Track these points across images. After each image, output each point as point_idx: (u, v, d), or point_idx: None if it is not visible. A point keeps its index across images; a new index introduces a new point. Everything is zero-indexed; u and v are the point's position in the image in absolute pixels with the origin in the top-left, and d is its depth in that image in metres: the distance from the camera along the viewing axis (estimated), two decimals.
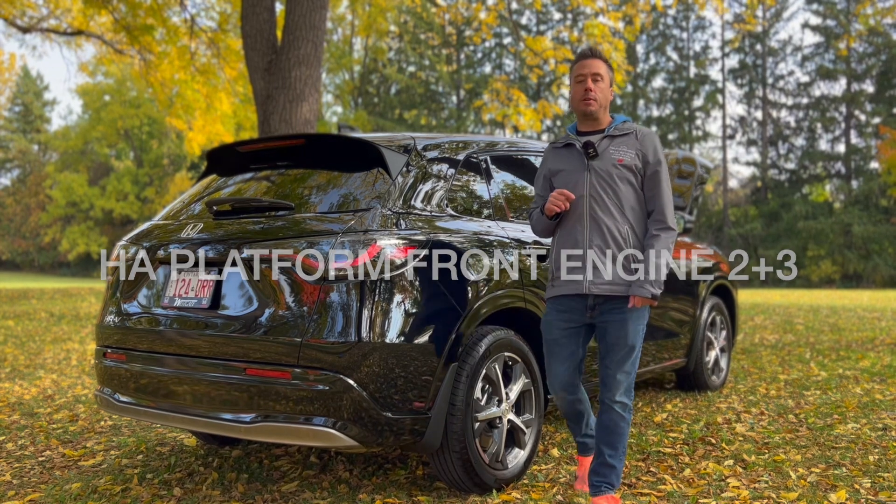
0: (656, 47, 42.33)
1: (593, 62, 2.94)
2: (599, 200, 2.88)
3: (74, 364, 7.33)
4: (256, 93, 7.76)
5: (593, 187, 2.89)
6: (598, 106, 2.94)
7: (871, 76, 38.32)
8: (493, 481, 3.16)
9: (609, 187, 2.88)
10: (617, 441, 2.90)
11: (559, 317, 2.97)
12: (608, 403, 2.91)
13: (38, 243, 51.74)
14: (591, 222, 2.88)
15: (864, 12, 16.63)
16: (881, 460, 3.58)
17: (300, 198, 3.25)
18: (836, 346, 7.88)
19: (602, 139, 2.94)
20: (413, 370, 2.90)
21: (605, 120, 3.00)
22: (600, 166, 2.90)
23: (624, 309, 2.87)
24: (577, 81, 2.96)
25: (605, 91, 2.95)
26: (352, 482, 3.41)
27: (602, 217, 2.87)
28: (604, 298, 2.89)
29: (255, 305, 2.97)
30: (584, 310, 2.92)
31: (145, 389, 3.24)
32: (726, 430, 4.24)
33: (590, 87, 2.92)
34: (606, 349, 2.92)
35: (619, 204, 2.88)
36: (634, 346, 2.89)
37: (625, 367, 2.89)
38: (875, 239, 34.22)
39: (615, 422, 2.90)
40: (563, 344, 2.97)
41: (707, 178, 6.01)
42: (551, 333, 3.00)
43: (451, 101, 42.57)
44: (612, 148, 2.92)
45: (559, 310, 2.97)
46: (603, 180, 2.88)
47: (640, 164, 2.91)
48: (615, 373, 2.89)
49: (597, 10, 12.28)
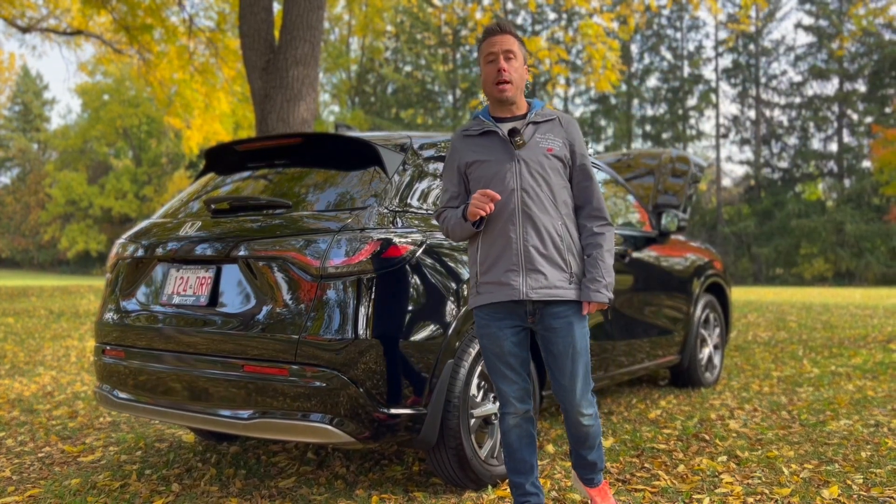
0: (650, 47, 42.44)
1: (503, 38, 2.60)
2: (532, 194, 2.56)
3: (74, 361, 7.34)
4: (254, 92, 7.78)
5: (524, 179, 2.56)
6: (514, 88, 2.60)
7: (864, 76, 38.49)
8: (488, 477, 3.19)
9: (542, 179, 2.57)
10: (593, 442, 2.72)
11: (500, 324, 2.60)
12: (573, 420, 2.67)
13: (38, 241, 51.75)
14: (524, 219, 2.55)
15: (857, 13, 16.72)
16: (873, 456, 3.61)
17: (297, 196, 3.27)
18: (828, 344, 7.93)
19: (526, 125, 2.61)
20: (409, 367, 2.92)
21: (522, 104, 2.67)
22: (529, 156, 2.58)
23: (568, 313, 2.58)
24: (488, 62, 2.61)
25: (520, 70, 2.62)
26: (349, 478, 3.43)
27: (536, 213, 2.55)
28: (543, 304, 2.58)
29: (252, 303, 2.99)
30: (524, 315, 2.60)
31: (144, 386, 3.26)
32: (720, 427, 4.27)
33: (503, 67, 2.57)
34: (555, 361, 2.61)
35: (552, 198, 2.58)
36: (584, 350, 2.62)
37: (579, 377, 2.61)
38: (867, 237, 34.39)
39: (585, 433, 2.69)
40: (515, 352, 2.63)
41: (701, 176, 6.05)
42: (499, 346, 2.61)
43: (448, 101, 42.59)
44: (538, 136, 2.61)
45: (496, 317, 2.61)
46: (535, 171, 2.57)
47: (567, 153, 2.64)
48: (572, 387, 2.61)
49: (591, 11, 12.31)
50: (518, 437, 2.69)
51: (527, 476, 2.71)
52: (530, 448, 2.70)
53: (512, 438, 2.69)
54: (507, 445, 2.72)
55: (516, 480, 2.72)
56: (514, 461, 2.71)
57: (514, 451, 2.70)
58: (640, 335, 4.64)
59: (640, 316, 4.63)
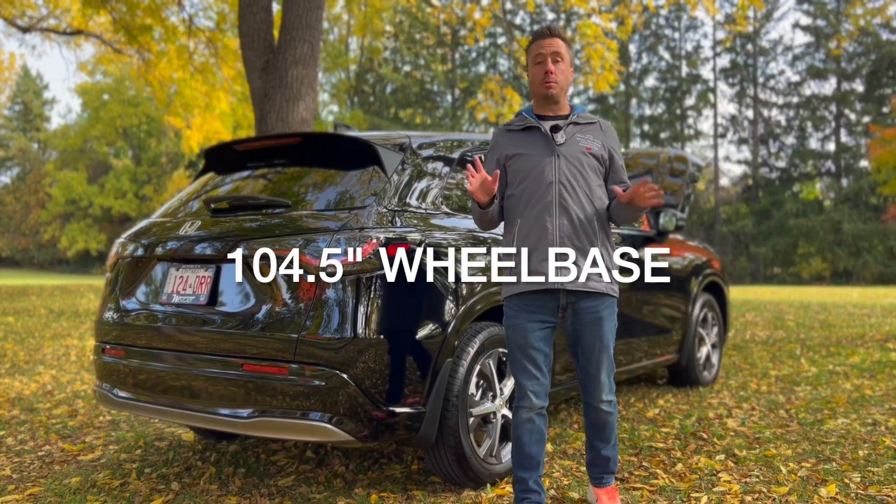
0: (648, 47, 42.46)
1: (552, 41, 2.75)
2: (569, 188, 2.68)
3: (74, 360, 7.35)
4: (253, 92, 7.78)
5: (563, 173, 2.69)
6: (560, 88, 2.77)
7: (861, 76, 38.53)
8: (487, 476, 3.20)
9: (580, 174, 2.71)
10: (609, 434, 2.87)
11: (529, 317, 2.70)
12: (595, 405, 2.82)
13: (38, 241, 51.77)
14: (560, 211, 2.67)
15: (855, 13, 16.74)
16: (871, 455, 3.62)
17: (297, 196, 3.28)
18: (826, 343, 7.94)
19: (568, 124, 2.78)
20: (408, 366, 2.93)
21: (565, 105, 2.83)
22: (569, 152, 2.72)
23: (598, 307, 2.72)
24: (536, 63, 2.77)
25: (566, 72, 2.79)
26: (348, 477, 3.44)
27: (572, 205, 2.67)
28: (576, 297, 2.70)
29: (252, 302, 2.99)
30: (556, 309, 2.71)
31: (144, 385, 3.27)
32: (718, 426, 4.29)
33: (550, 69, 2.73)
34: (584, 352, 2.77)
35: (588, 193, 2.71)
36: (612, 341, 2.78)
37: (606, 366, 2.78)
38: (865, 236, 34.43)
39: (604, 420, 2.84)
40: (539, 348, 2.71)
41: (699, 176, 6.06)
42: (525, 338, 2.70)
43: (446, 101, 42.60)
44: (578, 135, 2.76)
45: (527, 309, 2.71)
46: (573, 167, 2.71)
47: (605, 155, 2.79)
48: (598, 375, 2.78)
49: (589, 11, 12.33)
50: (529, 433, 2.75)
51: (531, 472, 2.76)
52: (539, 445, 2.76)
53: (523, 433, 2.75)
54: (516, 439, 2.78)
55: (520, 475, 2.77)
56: (521, 456, 2.77)
57: (523, 445, 2.75)
58: (639, 334, 4.65)
59: (639, 315, 4.64)
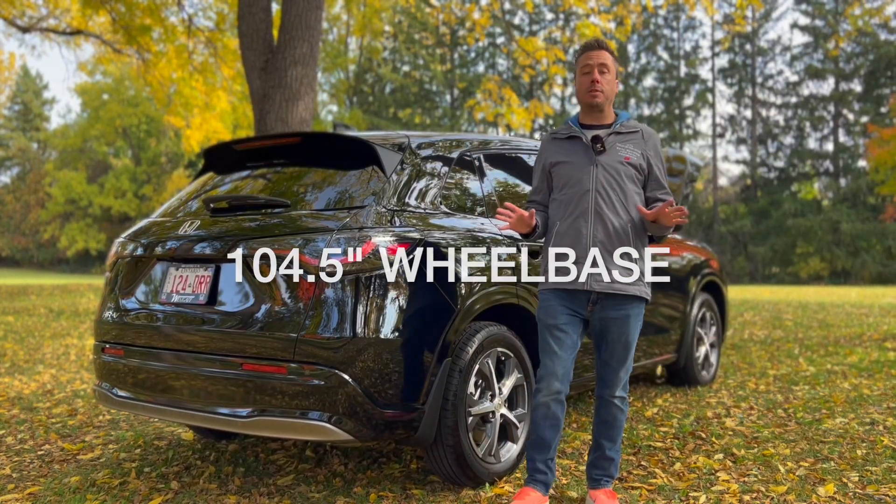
0: (647, 47, 42.50)
1: (600, 53, 2.89)
2: (605, 196, 2.84)
3: (73, 359, 7.35)
4: (253, 92, 7.79)
5: (599, 182, 2.84)
6: (604, 98, 2.90)
7: (859, 76, 38.59)
8: (486, 475, 3.20)
9: (616, 183, 2.84)
10: (616, 434, 2.96)
11: (561, 302, 2.87)
12: (608, 399, 2.94)
13: (38, 240, 51.82)
14: (595, 218, 2.83)
15: (853, 13, 16.76)
16: (869, 454, 3.63)
17: (296, 195, 3.29)
18: (824, 342, 7.96)
19: (609, 135, 2.90)
20: (407, 365, 2.94)
21: (609, 114, 2.96)
22: (607, 162, 2.86)
23: (626, 306, 2.85)
24: (583, 73, 2.90)
25: (612, 83, 2.92)
26: (347, 476, 3.44)
27: (607, 213, 2.82)
28: (605, 295, 2.85)
29: (251, 301, 3.00)
30: (586, 304, 2.87)
31: (143, 384, 3.27)
32: (716, 425, 4.29)
33: (596, 79, 2.87)
34: (607, 346, 2.91)
35: (623, 201, 2.85)
36: (635, 341, 2.91)
37: (626, 364, 2.92)
38: (863, 236, 34.49)
39: (614, 416, 2.95)
40: (567, 330, 2.87)
41: (697, 175, 6.07)
42: (554, 318, 2.87)
43: (445, 100, 42.61)
44: (619, 144, 2.89)
45: (560, 297, 2.88)
46: (610, 176, 2.84)
47: (644, 164, 2.90)
48: (617, 370, 2.92)
49: (588, 11, 12.35)
50: (543, 416, 2.89)
51: (542, 454, 2.91)
52: (553, 430, 2.89)
53: (538, 415, 2.91)
54: (532, 421, 2.95)
55: (531, 454, 2.94)
56: (534, 436, 2.93)
57: (537, 427, 2.91)
58: None
59: None
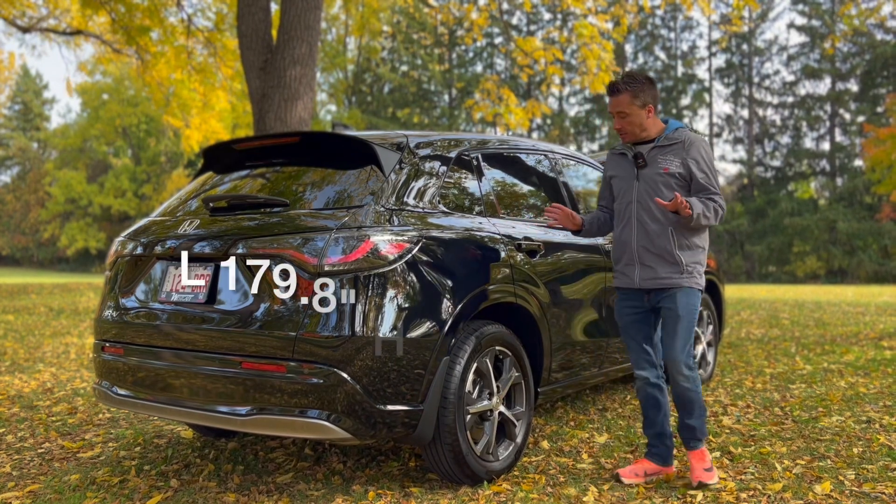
0: (644, 47, 42.54)
1: (614, 101, 3.20)
2: (645, 206, 3.21)
3: (73, 358, 7.35)
4: (252, 91, 7.80)
5: (640, 194, 3.22)
6: (631, 136, 3.24)
7: (856, 75, 38.64)
8: (484, 473, 3.22)
9: (655, 194, 3.18)
10: (691, 407, 3.25)
11: (625, 304, 3.36)
12: (675, 376, 3.23)
13: (38, 239, 51.83)
14: (638, 226, 3.23)
15: (848, 13, 16.80)
16: (865, 452, 3.65)
17: (295, 194, 3.30)
18: (820, 341, 7.98)
19: (651, 150, 3.23)
20: (406, 364, 2.95)
21: (653, 131, 3.25)
22: (648, 175, 3.22)
23: (673, 295, 3.19)
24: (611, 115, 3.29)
25: (635, 120, 3.20)
26: (345, 474, 3.46)
27: (647, 221, 3.20)
28: (657, 290, 3.23)
29: (250, 300, 3.01)
30: (643, 298, 3.29)
31: (143, 383, 3.28)
32: (713, 423, 4.31)
33: (617, 126, 3.25)
34: (665, 331, 3.25)
35: (662, 209, 3.15)
36: (689, 325, 3.19)
37: (682, 344, 3.19)
38: (859, 235, 34.55)
39: (683, 394, 3.24)
40: (634, 327, 3.34)
41: None
42: (622, 319, 3.38)
43: (443, 100, 42.61)
44: (659, 157, 3.21)
45: (623, 298, 3.37)
46: (649, 188, 3.20)
47: (684, 171, 3.18)
48: (676, 349, 3.19)
49: (585, 11, 12.38)
50: (644, 398, 3.36)
51: (650, 429, 3.36)
52: (654, 409, 3.34)
53: (641, 397, 3.39)
54: (640, 401, 3.41)
55: (644, 431, 3.42)
56: (643, 416, 3.40)
57: (643, 407, 3.39)
58: None
59: None
